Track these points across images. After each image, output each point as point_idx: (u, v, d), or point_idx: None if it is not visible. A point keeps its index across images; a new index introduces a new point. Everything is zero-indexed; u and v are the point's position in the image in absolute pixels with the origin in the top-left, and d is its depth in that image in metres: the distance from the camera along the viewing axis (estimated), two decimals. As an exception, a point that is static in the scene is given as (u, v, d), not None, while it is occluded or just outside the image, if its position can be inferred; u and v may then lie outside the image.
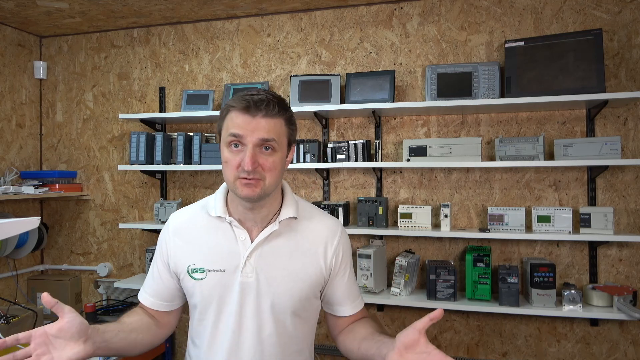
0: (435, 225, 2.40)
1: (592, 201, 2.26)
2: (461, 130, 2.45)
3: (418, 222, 2.33)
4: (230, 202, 1.18)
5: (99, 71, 3.03)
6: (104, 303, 2.92)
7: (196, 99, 2.71)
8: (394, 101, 2.41)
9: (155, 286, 1.23)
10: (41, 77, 3.08)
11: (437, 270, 2.23)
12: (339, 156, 2.47)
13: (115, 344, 1.06)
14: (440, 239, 2.47)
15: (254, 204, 1.11)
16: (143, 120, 2.77)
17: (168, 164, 2.70)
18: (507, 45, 2.27)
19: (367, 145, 2.46)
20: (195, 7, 2.63)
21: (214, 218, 1.17)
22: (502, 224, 2.24)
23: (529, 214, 2.30)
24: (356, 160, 2.44)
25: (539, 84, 2.19)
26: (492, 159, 2.37)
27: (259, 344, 1.13)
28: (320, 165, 2.44)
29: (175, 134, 2.72)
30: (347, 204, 2.50)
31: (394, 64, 2.55)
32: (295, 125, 1.14)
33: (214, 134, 2.75)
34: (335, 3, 2.57)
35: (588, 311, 2.09)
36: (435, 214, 2.42)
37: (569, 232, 2.16)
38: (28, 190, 2.64)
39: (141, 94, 2.96)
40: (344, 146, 2.46)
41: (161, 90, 2.90)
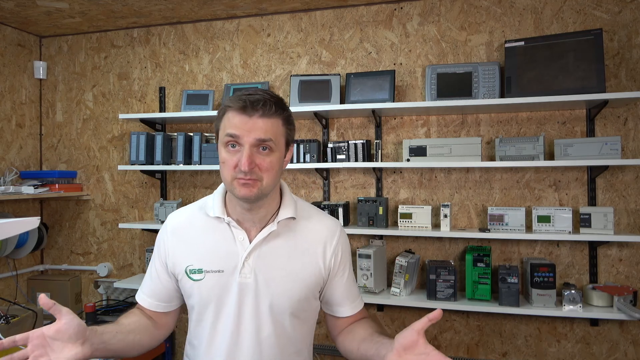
0: (435, 225, 2.40)
1: (592, 201, 2.26)
2: (461, 130, 2.45)
3: (418, 222, 2.33)
4: (228, 203, 1.18)
5: (99, 71, 3.03)
6: (104, 303, 2.92)
7: (196, 99, 2.71)
8: (394, 101, 2.41)
9: (153, 287, 1.22)
10: (41, 77, 3.08)
11: (437, 270, 2.23)
12: (339, 156, 2.47)
13: (114, 345, 1.06)
14: (440, 239, 2.47)
15: (252, 204, 1.10)
16: (143, 120, 2.77)
17: (168, 164, 2.70)
18: (507, 45, 2.27)
19: (367, 145, 2.47)
20: (195, 7, 2.63)
21: (212, 218, 1.17)
22: (502, 224, 2.24)
23: (529, 214, 2.30)
24: (356, 160, 2.44)
25: (539, 84, 2.19)
26: (492, 159, 2.37)
27: (258, 345, 1.12)
28: (320, 165, 2.44)
29: (175, 134, 2.72)
30: (347, 204, 2.50)
31: (394, 64, 2.55)
32: (293, 125, 1.13)
33: (214, 134, 2.75)
34: (335, 3, 2.57)
35: (588, 311, 2.09)
36: (435, 214, 2.42)
37: (569, 232, 2.16)
38: (28, 190, 2.64)
39: (141, 94, 2.96)
40: (344, 146, 2.46)
41: (161, 90, 2.90)
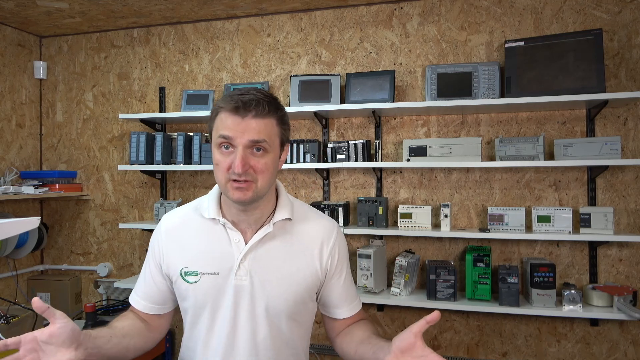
0: (435, 225, 2.40)
1: (592, 201, 2.26)
2: (461, 130, 2.45)
3: (418, 222, 2.33)
4: (223, 204, 1.16)
5: (99, 71, 3.03)
6: (104, 303, 2.92)
7: (196, 99, 2.71)
8: (394, 101, 2.41)
9: (147, 289, 1.20)
10: (41, 77, 3.08)
11: (437, 270, 2.23)
12: (339, 156, 2.47)
13: (108, 350, 1.04)
14: (440, 239, 2.47)
15: (247, 206, 1.09)
16: (143, 120, 2.77)
17: (168, 164, 2.70)
18: (507, 45, 2.27)
19: (367, 145, 2.47)
20: (195, 7, 2.63)
21: (207, 220, 1.15)
22: (502, 224, 2.24)
23: (529, 214, 2.30)
24: (356, 160, 2.44)
25: (539, 84, 2.19)
26: (492, 159, 2.37)
27: (254, 348, 1.11)
28: (320, 165, 2.44)
29: (175, 134, 2.72)
30: (347, 204, 2.50)
31: (394, 64, 2.55)
32: (288, 124, 1.11)
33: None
34: (335, 3, 2.57)
35: (588, 311, 2.09)
36: (435, 214, 2.42)
37: (569, 232, 2.16)
38: (28, 190, 2.64)
39: (141, 94, 2.96)
40: (344, 146, 2.46)
41: (161, 90, 2.90)
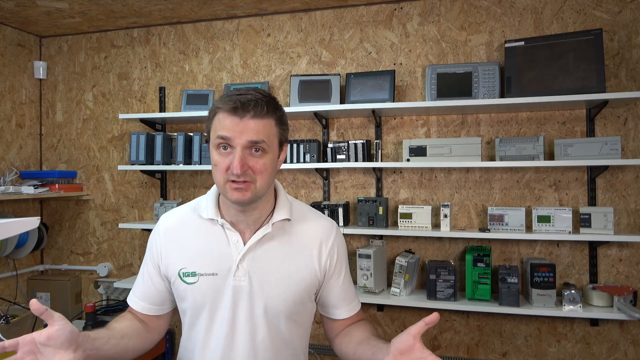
0: (435, 225, 2.40)
1: (592, 201, 2.26)
2: (461, 130, 2.45)
3: (418, 222, 2.33)
4: (222, 204, 1.15)
5: (99, 71, 3.03)
6: (104, 303, 2.92)
7: (196, 99, 2.71)
8: (394, 101, 2.41)
9: (145, 290, 1.20)
10: (41, 77, 3.08)
11: (437, 270, 2.23)
12: (339, 156, 2.47)
13: (106, 351, 1.03)
14: (440, 239, 2.47)
15: (246, 206, 1.08)
16: (143, 120, 2.77)
17: (168, 164, 2.70)
18: (507, 45, 2.27)
19: (367, 145, 2.47)
20: (195, 7, 2.63)
21: (205, 220, 1.15)
22: (502, 224, 2.24)
23: (529, 214, 2.30)
24: (356, 160, 2.44)
25: (539, 84, 2.19)
26: (492, 159, 2.37)
27: (252, 349, 1.11)
28: (320, 165, 2.44)
29: (175, 134, 2.72)
30: (347, 204, 2.50)
31: (394, 64, 2.55)
32: (286, 124, 1.11)
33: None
34: (335, 3, 2.57)
35: (588, 311, 2.09)
36: (435, 214, 2.42)
37: (569, 232, 2.16)
38: (28, 190, 2.64)
39: (141, 94, 2.96)
40: (344, 146, 2.46)
41: (161, 90, 2.90)
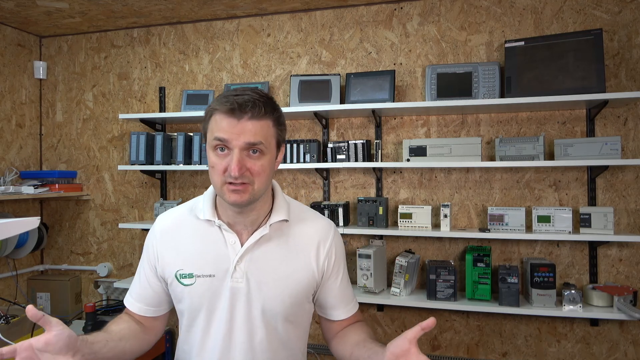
0: (435, 225, 2.40)
1: (592, 201, 2.26)
2: (461, 130, 2.45)
3: (418, 222, 2.33)
4: (219, 205, 1.15)
5: (99, 71, 3.03)
6: (104, 303, 2.92)
7: (196, 99, 2.71)
8: (394, 101, 2.41)
9: (142, 291, 1.20)
10: (41, 77, 3.08)
11: (437, 270, 2.23)
12: (339, 156, 2.47)
13: (104, 354, 1.03)
14: (440, 239, 2.47)
15: (243, 208, 1.08)
16: (143, 120, 2.77)
17: (168, 164, 2.70)
18: (507, 45, 2.27)
19: (367, 145, 2.47)
20: (195, 7, 2.63)
21: (202, 221, 1.14)
22: (502, 224, 2.24)
23: (529, 214, 2.30)
24: (356, 160, 2.44)
25: (539, 84, 2.19)
26: (492, 159, 2.37)
27: (250, 351, 1.11)
28: (320, 165, 2.44)
29: (175, 134, 2.72)
30: (347, 204, 2.50)
31: (394, 64, 2.55)
32: (284, 125, 1.10)
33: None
34: (335, 3, 2.57)
35: (588, 311, 2.09)
36: (435, 214, 2.42)
37: (569, 232, 2.16)
38: (28, 190, 2.64)
39: (141, 94, 2.96)
40: (344, 146, 2.46)
41: (161, 90, 2.90)
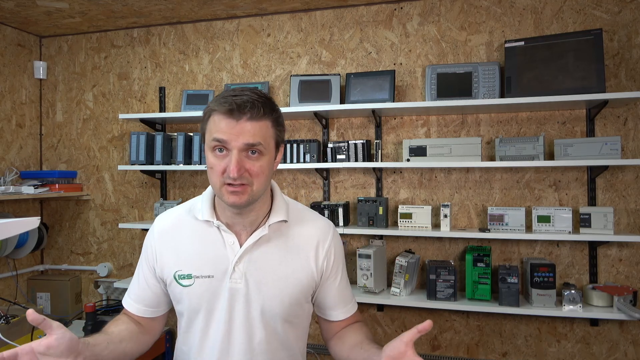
0: (435, 225, 2.40)
1: (592, 201, 2.26)
2: (461, 130, 2.45)
3: (418, 222, 2.33)
4: (217, 205, 1.14)
5: (99, 71, 3.03)
6: (104, 303, 2.92)
7: (196, 99, 2.71)
8: (394, 101, 2.41)
9: (140, 292, 1.19)
10: (41, 77, 3.08)
11: (437, 270, 2.23)
12: (339, 156, 2.47)
13: (105, 357, 1.03)
14: (440, 239, 2.47)
15: (242, 209, 1.07)
16: (143, 120, 2.77)
17: (168, 164, 2.69)
18: (507, 45, 2.27)
19: (367, 145, 2.47)
20: (195, 7, 2.63)
21: (201, 222, 1.14)
22: (502, 224, 2.24)
23: (529, 214, 2.30)
24: (356, 160, 2.44)
25: (539, 84, 2.19)
26: (492, 159, 2.37)
27: (249, 351, 1.11)
28: (320, 165, 2.44)
29: (175, 134, 2.72)
30: (347, 204, 2.50)
31: (394, 64, 2.55)
32: (283, 125, 1.09)
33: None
34: (335, 3, 2.57)
35: (588, 311, 2.09)
36: (435, 214, 2.42)
37: (569, 232, 2.16)
38: (28, 190, 2.64)
39: (141, 94, 2.96)
40: (344, 146, 2.46)
41: (161, 90, 2.90)
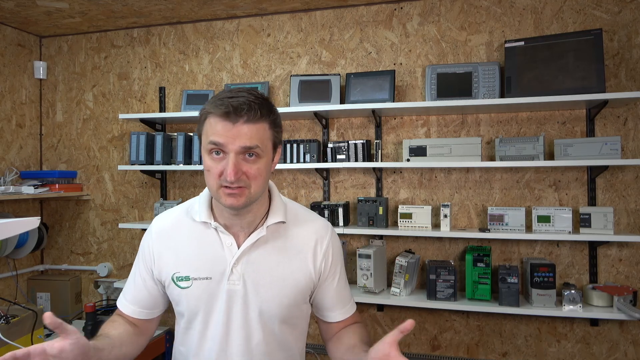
0: (435, 225, 2.40)
1: (592, 201, 2.26)
2: (461, 130, 2.45)
3: (418, 222, 2.33)
4: (215, 207, 1.13)
5: (99, 71, 3.03)
6: (104, 303, 2.92)
7: (196, 99, 2.71)
8: (394, 101, 2.41)
9: (137, 293, 1.18)
10: (41, 77, 3.08)
11: (437, 270, 2.23)
12: (339, 156, 2.47)
13: None
14: (440, 239, 2.47)
15: (240, 210, 1.07)
16: (143, 120, 2.77)
17: (168, 164, 2.69)
18: (507, 45, 2.27)
19: (367, 145, 2.46)
20: (195, 7, 2.63)
21: (198, 223, 1.13)
22: (502, 224, 2.24)
23: (529, 214, 2.30)
24: (356, 160, 2.44)
25: (539, 84, 2.19)
26: (492, 159, 2.37)
27: (248, 353, 1.11)
28: (320, 165, 2.44)
29: (175, 134, 2.72)
30: (347, 204, 2.50)
31: (394, 64, 2.55)
32: (280, 126, 1.08)
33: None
34: (335, 3, 2.57)
35: (588, 311, 2.09)
36: (435, 214, 2.42)
37: (569, 232, 2.16)
38: (28, 190, 2.64)
39: (141, 94, 2.96)
40: (344, 146, 2.46)
41: (161, 90, 2.90)
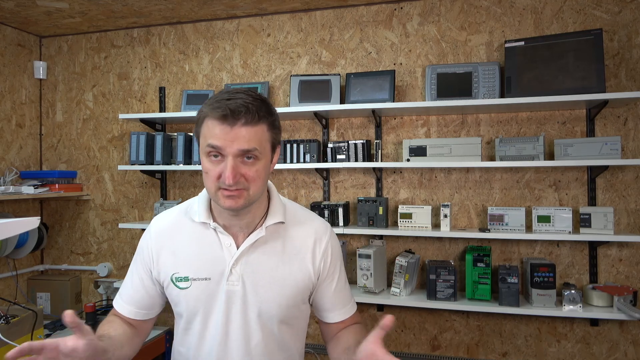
0: (435, 225, 2.40)
1: (592, 201, 2.26)
2: (461, 130, 2.45)
3: (418, 222, 2.33)
4: (214, 207, 1.13)
5: (99, 71, 3.03)
6: (104, 303, 2.92)
7: (196, 99, 2.71)
8: (394, 101, 2.41)
9: (135, 294, 1.18)
10: (41, 77, 3.08)
11: (437, 270, 2.23)
12: (339, 156, 2.47)
13: None
14: (440, 239, 2.47)
15: (239, 212, 1.06)
16: (143, 120, 2.77)
17: (168, 164, 2.70)
18: (507, 45, 2.27)
19: (367, 145, 2.47)
20: (195, 7, 2.63)
21: (197, 223, 1.13)
22: (502, 224, 2.24)
23: (529, 214, 2.30)
24: (356, 160, 2.44)
25: (539, 84, 2.19)
26: (492, 159, 2.37)
27: (247, 354, 1.11)
28: (320, 165, 2.44)
29: (175, 134, 2.72)
30: (347, 204, 2.50)
31: (394, 64, 2.55)
32: (279, 127, 1.07)
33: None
34: (335, 3, 2.57)
35: (588, 311, 2.09)
36: (435, 214, 2.42)
37: (569, 232, 2.16)
38: (28, 190, 2.64)
39: (141, 94, 2.96)
40: (344, 146, 2.46)
41: (161, 90, 2.90)
